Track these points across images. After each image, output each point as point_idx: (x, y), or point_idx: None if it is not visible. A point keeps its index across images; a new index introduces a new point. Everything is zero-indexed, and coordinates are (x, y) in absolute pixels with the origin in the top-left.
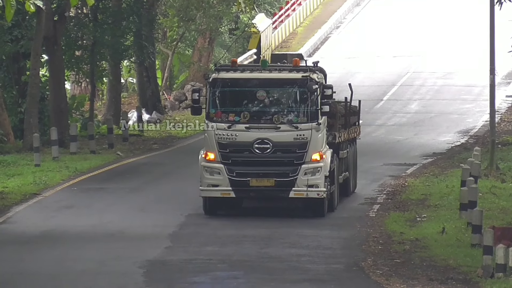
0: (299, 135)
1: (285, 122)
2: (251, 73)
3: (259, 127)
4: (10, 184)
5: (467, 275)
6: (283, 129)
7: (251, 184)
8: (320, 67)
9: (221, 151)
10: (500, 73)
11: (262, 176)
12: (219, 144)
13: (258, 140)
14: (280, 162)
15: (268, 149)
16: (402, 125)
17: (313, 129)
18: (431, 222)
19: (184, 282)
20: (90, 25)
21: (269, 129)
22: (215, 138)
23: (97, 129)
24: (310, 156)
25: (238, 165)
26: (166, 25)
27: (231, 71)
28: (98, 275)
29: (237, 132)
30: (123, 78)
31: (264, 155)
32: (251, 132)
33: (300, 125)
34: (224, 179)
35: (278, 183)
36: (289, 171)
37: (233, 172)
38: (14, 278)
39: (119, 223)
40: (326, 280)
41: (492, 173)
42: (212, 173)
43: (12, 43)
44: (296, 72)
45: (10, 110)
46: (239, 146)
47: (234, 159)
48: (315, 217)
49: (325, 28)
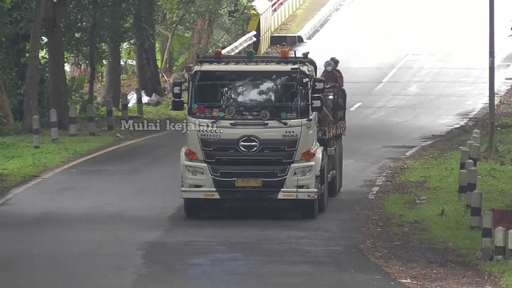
0: (288, 132)
1: (273, 118)
2: (236, 65)
3: (245, 124)
4: (9, 166)
5: (466, 257)
6: (271, 126)
7: (236, 184)
8: (310, 59)
9: (205, 149)
10: (499, 55)
11: (249, 176)
12: (202, 142)
13: (244, 138)
14: (268, 161)
15: (255, 147)
16: (401, 107)
17: (303, 126)
18: (430, 204)
19: (183, 264)
20: (89, 7)
21: (256, 125)
22: (198, 135)
23: (96, 111)
24: (300, 154)
25: (222, 164)
26: (165, 7)
27: (214, 63)
28: (97, 256)
29: (221, 129)
30: (122, 60)
31: (251, 154)
32: (236, 129)
33: (290, 121)
34: (207, 179)
35: (266, 184)
36: (278, 171)
37: (217, 171)
38: (14, 259)
39: (118, 205)
40: (325, 262)
41: (491, 156)
42: (195, 173)
43: (11, 25)
44: (284, 64)
45: (10, 92)
46: (223, 144)
47: (219, 158)
48: (305, 219)
49: (325, 10)
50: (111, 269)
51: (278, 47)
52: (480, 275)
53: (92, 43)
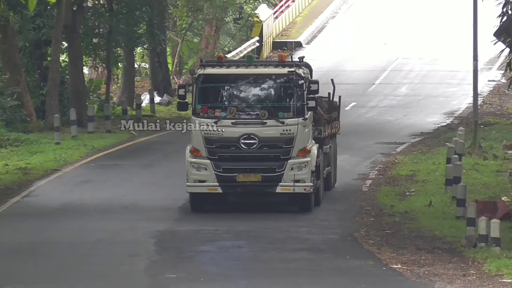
0: (286, 130)
1: (272, 117)
2: (237, 68)
3: (245, 123)
4: (32, 160)
5: (452, 244)
6: (269, 125)
7: (238, 179)
8: (306, 62)
9: (208, 147)
10: (482, 59)
11: (249, 171)
12: (206, 140)
13: (245, 136)
14: (266, 157)
15: (254, 145)
16: (392, 107)
17: (299, 124)
18: (419, 196)
19: (192, 251)
20: (106, 15)
21: (256, 124)
22: (202, 134)
23: (112, 110)
24: (296, 151)
25: (224, 161)
26: (176, 15)
27: (217, 67)
28: (113, 244)
29: (223, 128)
30: (136, 64)
31: (251, 151)
32: (237, 128)
33: (287, 120)
34: (211, 174)
35: (265, 178)
36: (276, 166)
37: (219, 167)
38: (36, 246)
39: (132, 197)
40: (323, 249)
41: (475, 151)
42: (199, 169)
43: (34, 31)
44: (282, 67)
45: (33, 93)
46: (225, 142)
47: (221, 155)
48: (302, 212)
49: (322, 17)
50: (126, 255)
51: (279, 52)
52: (464, 261)
53: (108, 48)
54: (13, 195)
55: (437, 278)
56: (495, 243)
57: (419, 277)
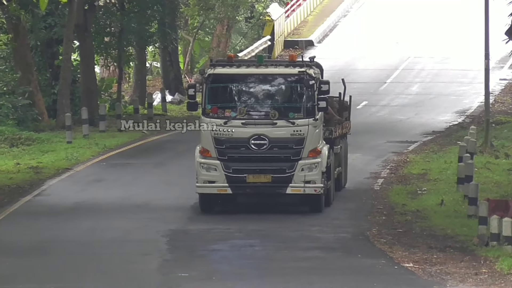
0: (296, 131)
1: (282, 117)
2: (247, 68)
3: (255, 123)
4: (44, 159)
5: (464, 243)
6: (279, 125)
7: (247, 180)
8: (316, 62)
9: (218, 147)
10: (494, 58)
11: (259, 172)
12: (216, 140)
13: (255, 136)
14: (277, 158)
15: (264, 145)
16: (404, 105)
17: (310, 125)
18: (430, 194)
19: (204, 249)
20: (117, 14)
21: (266, 125)
22: (211, 134)
23: (124, 109)
24: (307, 152)
25: (234, 161)
26: (187, 14)
27: (227, 67)
28: (125, 242)
29: (233, 128)
30: (148, 62)
31: (261, 151)
32: (247, 128)
33: (297, 121)
34: (220, 175)
35: (275, 179)
36: (286, 167)
37: (229, 168)
38: (49, 245)
39: (144, 196)
40: (335, 248)
41: (487, 150)
42: (209, 170)
43: (46, 30)
44: (292, 67)
45: (44, 92)
46: (235, 142)
47: (231, 155)
48: (312, 213)
49: (334, 16)
50: (138, 254)
51: (290, 51)
52: (476, 259)
53: (120, 47)
54: (24, 194)
55: (449, 277)
56: (507, 242)
57: (431, 275)
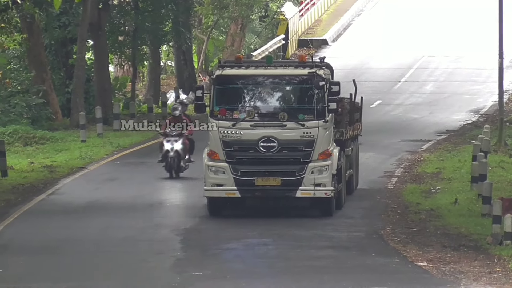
0: (306, 133)
1: (291, 119)
2: (256, 69)
3: (264, 125)
4: (58, 158)
5: (477, 242)
6: (289, 127)
7: (256, 183)
8: (326, 63)
9: (226, 150)
10: (507, 56)
11: (268, 175)
12: (224, 143)
13: (264, 138)
14: (286, 160)
15: (274, 148)
16: (418, 104)
17: (320, 127)
18: (444, 193)
19: (218, 248)
20: (132, 13)
21: (275, 127)
22: (220, 137)
23: (138, 108)
24: (317, 154)
25: (243, 164)
26: (201, 13)
27: (235, 68)
28: (138, 241)
29: (242, 130)
30: (162, 61)
31: (270, 154)
32: (256, 130)
33: (307, 123)
34: (229, 178)
35: (285, 182)
36: (296, 170)
37: (238, 171)
38: (62, 243)
39: (158, 194)
40: (348, 247)
41: (501, 149)
42: (217, 172)
43: (60, 29)
44: (302, 68)
45: (58, 91)
46: (244, 145)
47: (239, 158)
48: (323, 216)
49: (348, 15)
50: (151, 253)
51: (304, 50)
52: (490, 258)
53: (134, 46)
54: (38, 193)
55: (463, 276)
56: None
57: (444, 274)
